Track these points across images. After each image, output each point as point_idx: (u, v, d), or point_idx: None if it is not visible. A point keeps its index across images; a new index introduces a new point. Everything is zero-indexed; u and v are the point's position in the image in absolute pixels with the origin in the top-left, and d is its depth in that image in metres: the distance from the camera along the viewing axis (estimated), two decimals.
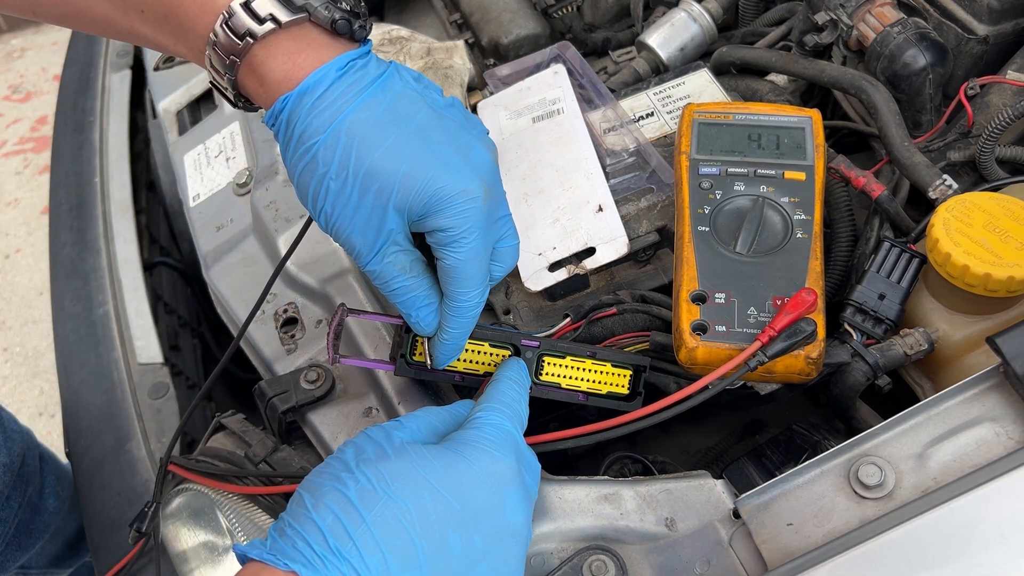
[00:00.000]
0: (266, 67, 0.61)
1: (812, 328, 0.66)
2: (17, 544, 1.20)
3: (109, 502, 0.97)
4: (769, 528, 0.61)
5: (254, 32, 0.60)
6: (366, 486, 0.53)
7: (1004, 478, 0.56)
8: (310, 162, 0.61)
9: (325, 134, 0.60)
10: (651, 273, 0.85)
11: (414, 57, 0.99)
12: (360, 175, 0.60)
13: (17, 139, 3.00)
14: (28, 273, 2.60)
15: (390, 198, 0.61)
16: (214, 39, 0.61)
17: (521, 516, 0.57)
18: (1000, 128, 0.78)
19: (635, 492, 0.65)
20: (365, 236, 0.63)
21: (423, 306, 0.66)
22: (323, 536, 0.51)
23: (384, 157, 0.60)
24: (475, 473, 0.56)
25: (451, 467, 0.55)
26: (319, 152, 0.60)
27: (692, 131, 0.83)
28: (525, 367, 0.68)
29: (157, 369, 1.07)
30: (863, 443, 0.62)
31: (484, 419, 0.60)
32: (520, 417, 0.63)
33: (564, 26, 1.16)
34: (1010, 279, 0.67)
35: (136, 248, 1.20)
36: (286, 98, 0.60)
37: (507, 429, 0.60)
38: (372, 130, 0.61)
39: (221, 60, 0.62)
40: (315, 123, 0.60)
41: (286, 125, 0.61)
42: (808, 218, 0.75)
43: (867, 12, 0.88)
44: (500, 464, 0.57)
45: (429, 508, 0.53)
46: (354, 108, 0.60)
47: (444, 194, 0.61)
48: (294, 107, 0.60)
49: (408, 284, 0.65)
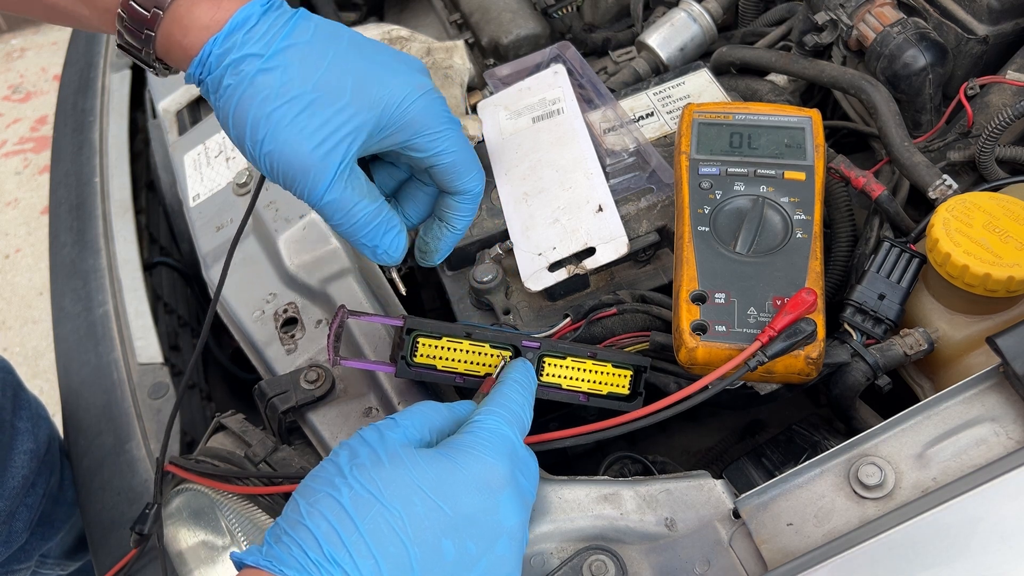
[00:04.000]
0: (192, 15, 0.60)
1: (812, 328, 0.66)
2: (41, 533, 1.22)
3: (109, 502, 0.97)
4: (769, 528, 0.61)
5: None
6: (360, 492, 0.53)
7: (1004, 478, 0.56)
8: (247, 91, 0.60)
9: (263, 59, 0.60)
10: (651, 273, 0.85)
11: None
12: (307, 92, 0.60)
13: (17, 139, 3.00)
14: (28, 273, 2.60)
15: (353, 109, 0.61)
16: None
17: (515, 520, 0.57)
18: (1000, 128, 0.78)
19: (635, 492, 0.65)
20: (324, 160, 0.60)
21: (390, 230, 0.65)
22: (318, 543, 0.51)
23: (329, 71, 0.61)
24: (467, 479, 0.56)
25: (443, 473, 0.55)
26: (258, 78, 0.60)
27: (692, 131, 0.83)
28: (531, 368, 0.68)
29: (157, 369, 1.07)
30: (863, 443, 0.62)
31: (480, 423, 0.60)
32: (521, 420, 0.62)
33: (564, 26, 1.16)
34: (1010, 279, 0.67)
35: (136, 248, 1.20)
36: (215, 37, 0.60)
37: (502, 433, 0.59)
38: (309, 50, 0.61)
39: (139, 16, 0.61)
40: (251, 51, 0.60)
41: (217, 63, 0.60)
42: (808, 218, 0.75)
43: (867, 12, 0.88)
44: (493, 469, 0.57)
45: (422, 515, 0.53)
46: (286, 34, 0.61)
47: (404, 96, 0.62)
48: (225, 43, 0.60)
49: (372, 208, 0.64)
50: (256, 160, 0.62)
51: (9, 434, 1.12)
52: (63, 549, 1.33)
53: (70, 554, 1.36)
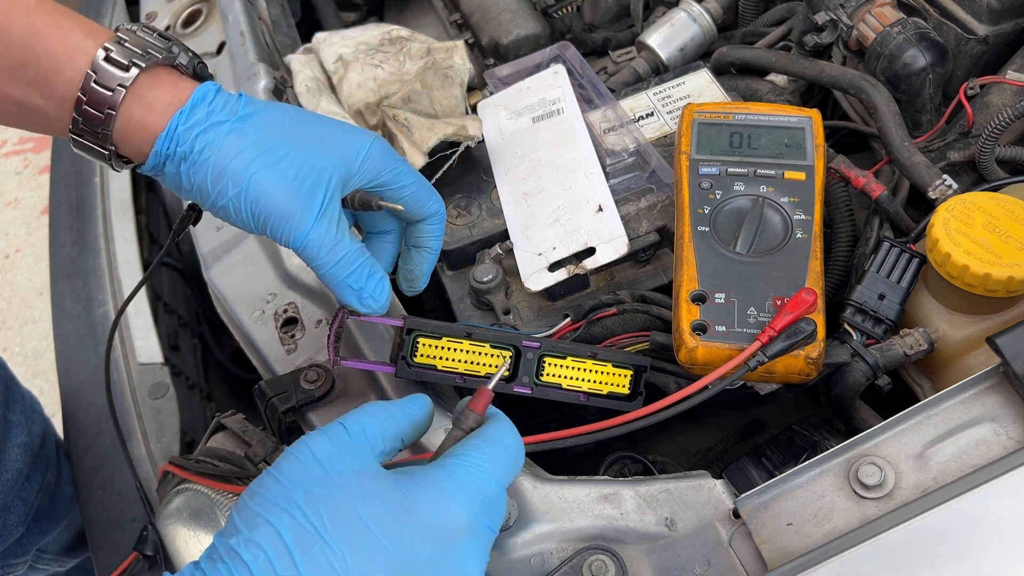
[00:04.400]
0: (153, 95, 0.64)
1: (812, 328, 0.66)
2: (38, 528, 1.22)
3: (109, 502, 0.97)
4: (769, 528, 0.61)
5: (138, 63, 0.63)
6: (302, 524, 0.49)
7: (1004, 478, 0.56)
8: (222, 151, 0.63)
9: (230, 123, 0.64)
10: (651, 273, 0.85)
11: (414, 57, 0.99)
12: (279, 145, 0.64)
13: (17, 139, 2.99)
14: (28, 273, 2.60)
15: (321, 160, 0.65)
16: (93, 75, 0.62)
17: (473, 567, 0.52)
18: (1000, 128, 0.78)
19: (635, 492, 0.65)
20: (308, 197, 0.64)
21: (374, 273, 0.67)
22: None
23: (293, 129, 0.65)
24: (423, 523, 0.50)
25: (396, 512, 0.50)
26: (230, 139, 0.63)
27: (692, 131, 0.83)
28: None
29: (157, 369, 1.07)
30: (863, 443, 0.62)
31: (455, 463, 0.53)
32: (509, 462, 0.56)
33: (564, 26, 1.16)
34: (1010, 279, 0.67)
35: (136, 248, 1.20)
36: (181, 112, 0.63)
37: (476, 478, 0.53)
38: (269, 115, 0.66)
39: (100, 97, 0.62)
40: (217, 120, 0.64)
41: (185, 137, 0.63)
42: (808, 218, 0.75)
43: (867, 12, 0.88)
44: (454, 516, 0.51)
45: (367, 556, 0.49)
46: (244, 104, 0.66)
47: (362, 144, 0.67)
48: (190, 118, 0.63)
49: (356, 247, 0.66)
50: (240, 211, 0.64)
51: (2, 428, 1.12)
52: (61, 545, 1.34)
53: (68, 550, 1.36)
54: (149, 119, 0.63)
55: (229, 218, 0.65)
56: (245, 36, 1.07)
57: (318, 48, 1.05)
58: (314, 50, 1.06)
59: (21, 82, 0.64)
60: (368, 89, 0.97)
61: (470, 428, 0.57)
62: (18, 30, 0.62)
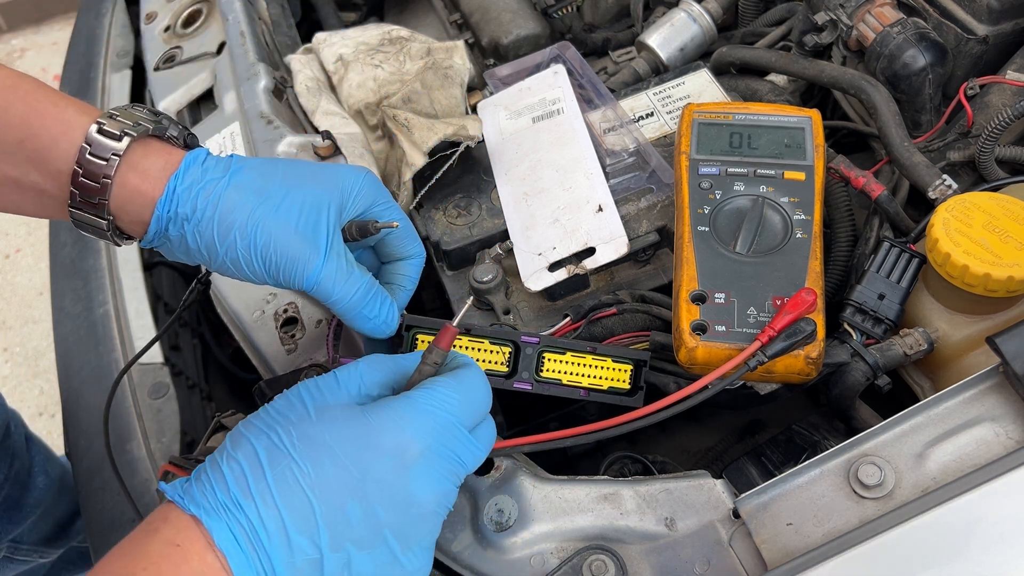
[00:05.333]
0: (147, 162, 0.66)
1: (812, 328, 0.66)
2: (8, 518, 1.23)
3: (109, 502, 0.97)
4: (769, 528, 0.61)
5: (130, 132, 0.65)
6: (276, 443, 0.55)
7: (1004, 478, 0.56)
8: (223, 205, 0.65)
9: (227, 178, 0.66)
10: (651, 273, 0.85)
11: (414, 57, 0.99)
12: (278, 189, 0.66)
13: None
14: (28, 273, 2.60)
15: (318, 195, 0.67)
16: (87, 147, 0.64)
17: (428, 493, 0.57)
18: (1000, 128, 0.78)
19: (635, 492, 0.65)
20: (314, 236, 0.66)
21: (385, 299, 0.69)
22: (227, 485, 0.54)
23: (287, 174, 0.68)
24: (379, 445, 0.56)
25: (357, 436, 0.56)
26: (229, 193, 0.66)
27: (692, 131, 0.83)
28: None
29: (157, 369, 1.07)
30: (863, 443, 0.62)
31: (418, 395, 0.58)
32: (475, 402, 0.60)
33: (564, 26, 1.16)
34: (1010, 279, 0.67)
35: (136, 248, 1.20)
36: (176, 175, 0.66)
37: (434, 412, 0.58)
38: (261, 166, 0.68)
39: (95, 168, 0.64)
40: (213, 178, 0.66)
41: (185, 197, 0.65)
42: (808, 218, 0.75)
43: (867, 12, 0.88)
44: (409, 443, 0.56)
45: (329, 474, 0.55)
46: (235, 160, 0.68)
47: (354, 178, 0.69)
48: (186, 179, 0.66)
49: (367, 279, 0.68)
50: (251, 262, 0.66)
51: None
52: (39, 536, 1.34)
53: (48, 541, 1.37)
54: (146, 186, 0.65)
55: (240, 271, 0.67)
56: (245, 36, 1.07)
57: (318, 48, 1.05)
58: (314, 50, 1.06)
59: (20, 160, 0.66)
60: (368, 89, 0.97)
61: (434, 363, 0.61)
62: (16, 110, 0.65)
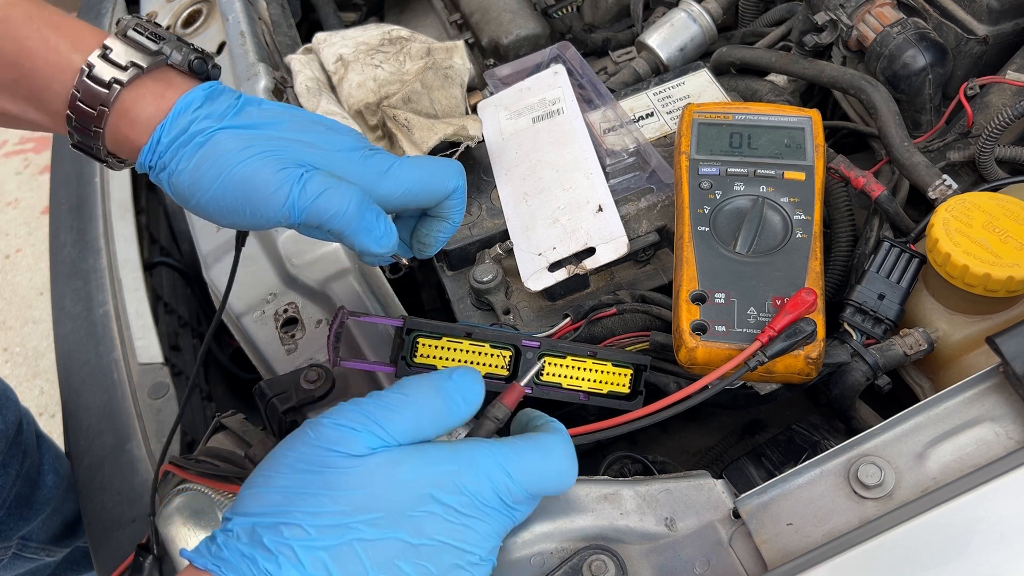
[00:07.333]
0: (137, 109, 0.62)
1: (812, 328, 0.66)
2: (19, 515, 1.23)
3: (109, 502, 0.97)
4: (769, 528, 0.61)
5: (119, 79, 0.61)
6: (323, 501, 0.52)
7: (1004, 478, 0.56)
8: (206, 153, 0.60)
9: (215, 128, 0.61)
10: (651, 273, 0.85)
11: (414, 57, 0.99)
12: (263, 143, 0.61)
13: (17, 139, 2.99)
14: (28, 273, 2.60)
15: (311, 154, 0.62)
16: (77, 94, 0.62)
17: (484, 548, 0.56)
18: (1000, 128, 0.78)
19: (635, 492, 0.65)
20: (285, 166, 0.60)
21: (378, 213, 0.63)
22: (269, 552, 0.50)
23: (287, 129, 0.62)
24: (432, 485, 0.54)
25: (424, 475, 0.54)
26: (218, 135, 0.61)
27: (692, 131, 0.83)
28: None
29: (157, 369, 1.07)
30: (863, 443, 0.62)
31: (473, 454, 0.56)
32: (553, 473, 0.59)
33: (564, 26, 1.16)
34: (1010, 279, 0.67)
35: (136, 248, 1.20)
36: (163, 124, 0.61)
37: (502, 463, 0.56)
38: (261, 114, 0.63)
39: (85, 115, 0.62)
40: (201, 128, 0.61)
41: (168, 145, 0.61)
42: (808, 218, 0.75)
43: (867, 12, 0.88)
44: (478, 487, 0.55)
45: (376, 538, 0.52)
46: (235, 111, 0.62)
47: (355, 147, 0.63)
48: (172, 126, 0.61)
49: (356, 189, 0.62)
50: (217, 199, 0.61)
51: None
52: (47, 534, 1.34)
53: (56, 540, 1.37)
54: (133, 134, 0.62)
55: (215, 215, 0.62)
56: (245, 36, 1.07)
57: (318, 48, 1.05)
58: (314, 50, 1.06)
59: (17, 99, 0.64)
60: (368, 89, 0.97)
61: (495, 419, 0.62)
62: (7, 48, 0.62)
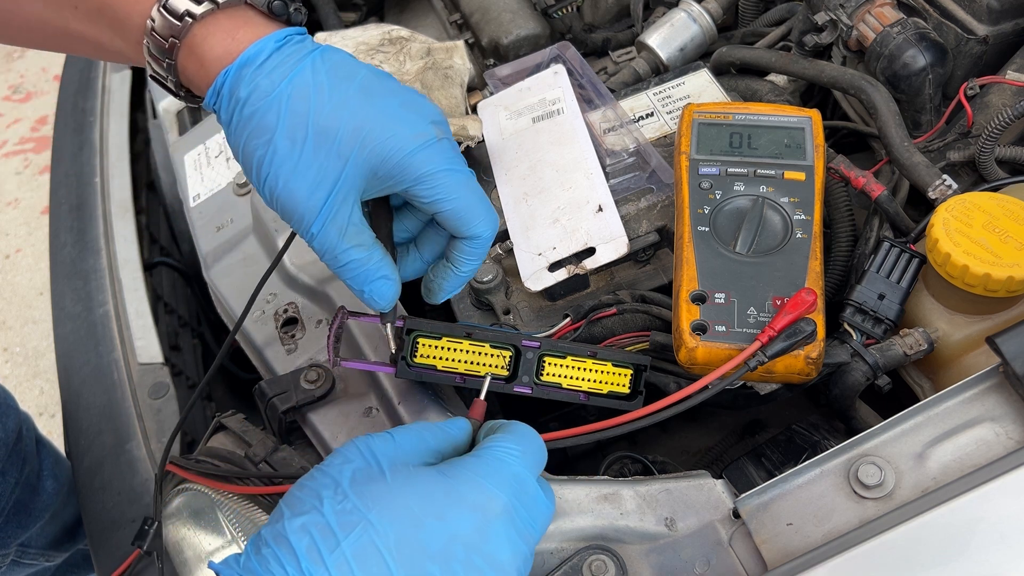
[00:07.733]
0: (206, 45, 0.61)
1: (812, 328, 0.66)
2: (17, 522, 1.22)
3: (109, 502, 0.97)
4: (769, 528, 0.61)
5: (192, 12, 0.61)
6: (346, 507, 0.51)
7: (1004, 478, 0.56)
8: (255, 128, 0.61)
9: (270, 97, 0.60)
10: (651, 273, 0.85)
11: (414, 57, 0.99)
12: (310, 133, 0.60)
13: (17, 139, 2.99)
14: (28, 273, 2.60)
15: (348, 156, 0.61)
16: (152, 24, 0.62)
17: (508, 554, 0.54)
18: (1000, 128, 0.78)
19: (635, 492, 0.65)
20: (314, 194, 0.60)
21: (378, 278, 0.64)
22: (296, 559, 0.50)
23: (331, 116, 0.60)
24: (460, 504, 0.53)
25: (437, 494, 0.53)
26: (265, 117, 0.60)
27: (692, 131, 0.83)
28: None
29: (157, 369, 1.07)
30: (863, 443, 0.62)
31: (489, 450, 0.57)
32: (536, 456, 0.59)
33: (564, 26, 1.16)
34: (1010, 279, 0.67)
35: (136, 248, 1.20)
36: (227, 70, 0.60)
37: (507, 462, 0.56)
38: (316, 90, 0.61)
39: (159, 45, 0.62)
40: (259, 89, 0.60)
41: (228, 97, 0.61)
42: (808, 218, 0.75)
43: (867, 12, 0.88)
44: (489, 498, 0.54)
45: (409, 536, 0.51)
46: (297, 72, 0.61)
47: (402, 147, 0.61)
48: (235, 78, 0.61)
49: (361, 255, 0.63)
50: (261, 193, 0.63)
51: None
52: (47, 540, 1.34)
53: (55, 545, 1.36)
54: (200, 72, 0.62)
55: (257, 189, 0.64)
56: None
57: None
58: None
59: (103, 27, 0.64)
60: None
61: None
62: None
